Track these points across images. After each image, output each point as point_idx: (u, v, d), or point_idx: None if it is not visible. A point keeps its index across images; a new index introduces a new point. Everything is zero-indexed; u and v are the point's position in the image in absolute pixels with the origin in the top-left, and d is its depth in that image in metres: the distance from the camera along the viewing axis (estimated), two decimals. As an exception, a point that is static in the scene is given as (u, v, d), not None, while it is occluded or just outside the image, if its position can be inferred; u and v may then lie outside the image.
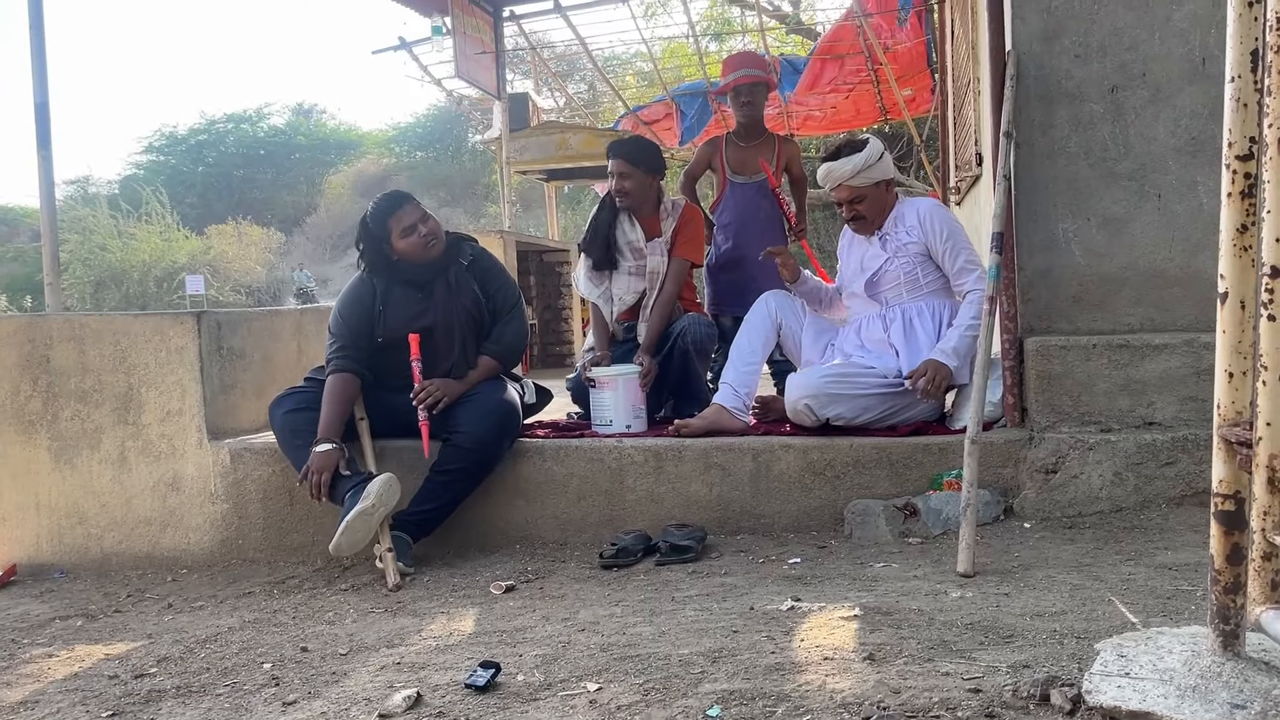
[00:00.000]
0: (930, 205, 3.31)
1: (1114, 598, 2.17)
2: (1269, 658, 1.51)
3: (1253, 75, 1.42)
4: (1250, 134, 1.43)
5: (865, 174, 3.25)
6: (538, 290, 8.49)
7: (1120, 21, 3.06)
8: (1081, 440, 2.94)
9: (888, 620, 2.11)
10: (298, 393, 3.25)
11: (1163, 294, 3.09)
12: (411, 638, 2.33)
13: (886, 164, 3.29)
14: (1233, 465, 1.48)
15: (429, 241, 3.26)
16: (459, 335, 3.26)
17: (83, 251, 27.07)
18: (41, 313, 4.25)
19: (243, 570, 3.29)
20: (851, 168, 3.24)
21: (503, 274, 3.45)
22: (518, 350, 3.40)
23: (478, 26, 8.08)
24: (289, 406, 3.19)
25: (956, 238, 3.24)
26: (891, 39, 9.16)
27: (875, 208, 3.31)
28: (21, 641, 2.68)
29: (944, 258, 3.23)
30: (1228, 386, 1.49)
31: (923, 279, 3.27)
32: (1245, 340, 1.46)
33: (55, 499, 3.49)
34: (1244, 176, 1.44)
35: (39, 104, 4.08)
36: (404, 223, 3.23)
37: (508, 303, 3.39)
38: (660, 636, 2.13)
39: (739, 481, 3.11)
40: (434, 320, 3.26)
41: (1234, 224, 1.45)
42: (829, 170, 3.29)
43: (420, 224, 3.25)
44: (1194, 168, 3.05)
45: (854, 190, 3.28)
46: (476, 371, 3.28)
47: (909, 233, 3.25)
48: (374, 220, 3.27)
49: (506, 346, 3.35)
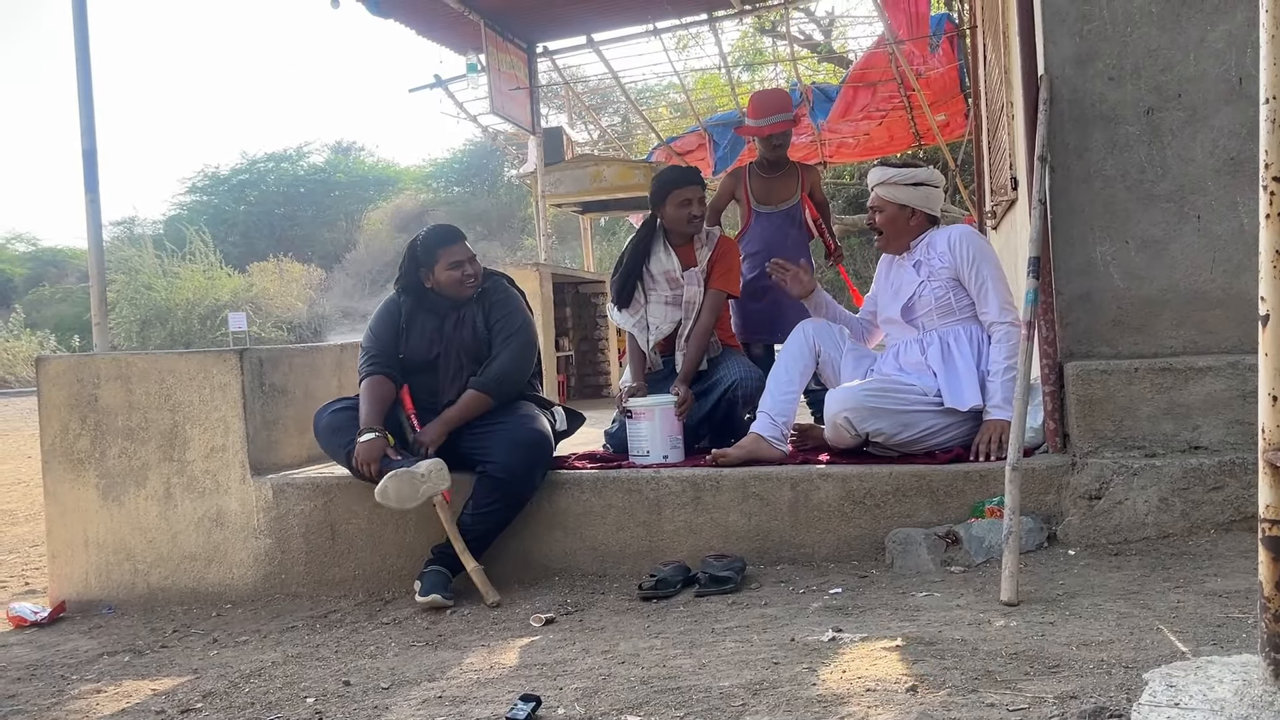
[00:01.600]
0: (962, 232, 3.29)
1: (1162, 626, 2.13)
2: (1323, 687, 1.48)
3: None
4: None
5: (891, 189, 3.28)
6: (574, 321, 8.55)
7: (1154, 43, 3.05)
8: (1125, 465, 2.90)
9: (931, 650, 2.09)
10: (343, 399, 3.43)
11: (1205, 316, 3.05)
12: (452, 671, 2.34)
13: (923, 195, 3.28)
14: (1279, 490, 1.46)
15: (469, 281, 3.37)
16: (454, 367, 3.35)
17: (129, 291, 27.68)
18: (89, 352, 4.35)
19: (286, 605, 3.33)
20: (883, 176, 3.31)
21: (508, 304, 3.44)
22: (508, 380, 3.34)
23: (512, 63, 8.20)
24: (335, 408, 3.35)
25: (983, 265, 3.21)
26: (924, 65, 9.17)
27: (892, 228, 3.32)
28: (70, 677, 2.73)
29: (970, 284, 3.22)
30: (1272, 410, 1.47)
31: (955, 304, 3.25)
32: None
33: (103, 536, 3.55)
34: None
35: (86, 150, 4.19)
36: (454, 257, 3.35)
37: (505, 331, 3.38)
38: (701, 669, 2.13)
39: (778, 511, 3.10)
40: (440, 350, 3.37)
41: (1274, 246, 1.44)
42: (872, 170, 3.39)
43: (468, 264, 3.37)
44: (1234, 188, 3.01)
45: (877, 198, 3.33)
46: (454, 408, 3.28)
47: (940, 259, 3.24)
48: (424, 246, 3.38)
49: (490, 377, 3.31)
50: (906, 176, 3.27)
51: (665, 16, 8.23)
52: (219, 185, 38.35)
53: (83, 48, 4.22)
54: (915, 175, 3.28)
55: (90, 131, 4.18)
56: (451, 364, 3.35)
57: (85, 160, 4.15)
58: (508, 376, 3.34)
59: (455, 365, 3.35)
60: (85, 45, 4.23)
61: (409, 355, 3.40)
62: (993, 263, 3.24)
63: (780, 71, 14.03)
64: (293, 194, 37.73)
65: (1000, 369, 3.13)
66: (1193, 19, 3.03)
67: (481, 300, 3.42)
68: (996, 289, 3.20)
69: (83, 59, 4.21)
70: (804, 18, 15.87)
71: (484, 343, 3.38)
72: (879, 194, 3.31)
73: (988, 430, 3.10)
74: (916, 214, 3.30)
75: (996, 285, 3.21)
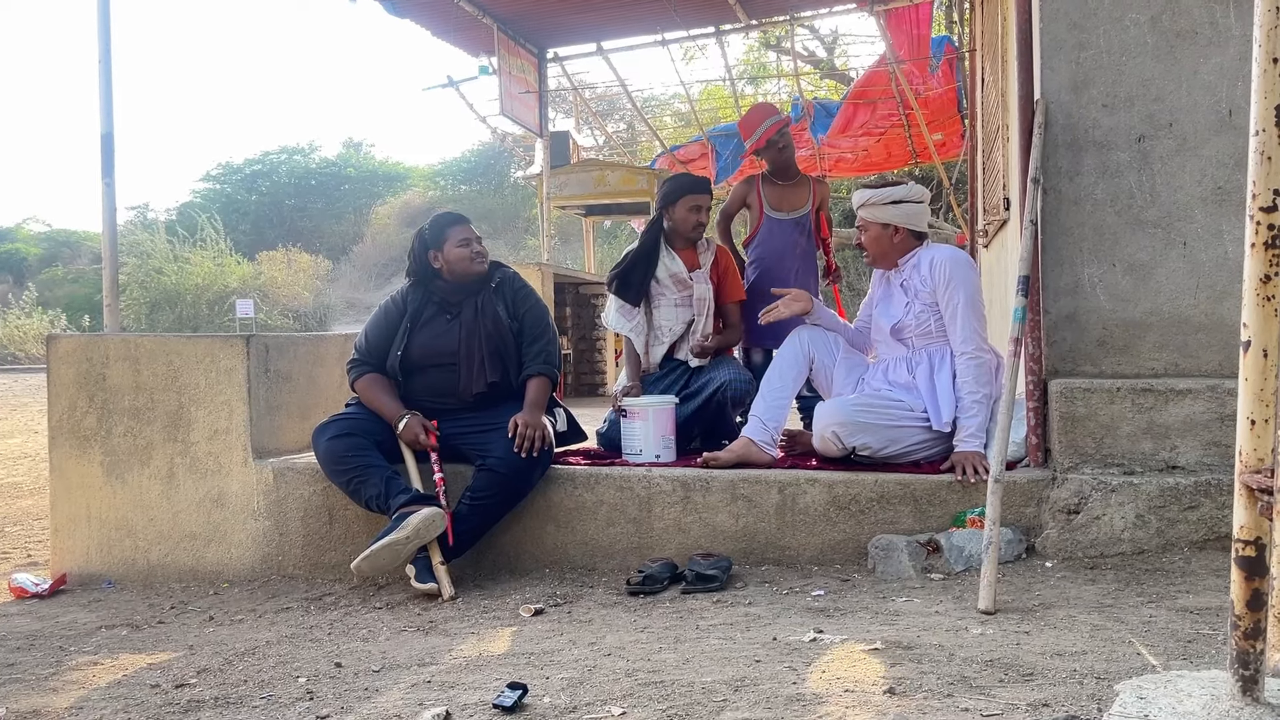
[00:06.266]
0: (944, 255, 3.27)
1: (1134, 639, 2.18)
2: (1287, 703, 1.51)
3: (1277, 130, 1.44)
4: (1274, 186, 1.44)
5: (872, 210, 3.32)
6: (573, 321, 8.61)
7: (1148, 73, 3.12)
8: (1104, 482, 2.97)
9: (908, 655, 2.14)
10: (340, 419, 3.35)
11: (1187, 340, 3.12)
12: (442, 657, 2.39)
13: (903, 212, 3.29)
14: (1254, 511, 1.48)
15: (477, 258, 3.42)
16: (478, 356, 3.36)
17: (140, 275, 27.69)
18: (99, 332, 4.40)
19: (282, 586, 3.38)
20: (863, 198, 3.35)
21: (531, 295, 3.53)
22: (554, 361, 3.46)
23: (522, 67, 8.28)
24: (331, 434, 3.27)
25: (956, 291, 3.18)
26: (923, 85, 9.28)
27: (877, 247, 3.36)
28: (69, 649, 2.77)
29: (943, 308, 3.22)
30: (1250, 434, 1.49)
31: (935, 328, 3.27)
32: (1268, 388, 1.47)
33: (106, 512, 3.61)
34: (1268, 228, 1.45)
35: (105, 135, 4.26)
36: (461, 235, 3.41)
37: (541, 321, 3.47)
38: (684, 664, 2.17)
39: (765, 513, 3.17)
40: (457, 342, 3.38)
41: (1257, 274, 1.46)
42: (855, 192, 3.43)
43: (475, 241, 3.44)
44: (1220, 216, 3.08)
45: (860, 219, 3.37)
46: (534, 393, 3.35)
47: (922, 282, 3.26)
48: (433, 227, 3.45)
49: (549, 362, 3.42)
50: (885, 196, 3.31)
51: (674, 28, 8.32)
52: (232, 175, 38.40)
53: (104, 34, 4.29)
54: (893, 194, 3.31)
55: (109, 116, 4.24)
56: (476, 355, 3.36)
57: (103, 144, 4.22)
58: (553, 358, 3.44)
59: (479, 356, 3.36)
60: (107, 32, 4.30)
61: (419, 353, 3.39)
62: (968, 289, 3.20)
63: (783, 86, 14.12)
64: (304, 186, 37.74)
65: (969, 400, 3.16)
66: (1186, 51, 3.10)
67: (500, 291, 3.47)
68: (966, 318, 3.19)
69: (104, 45, 4.28)
70: (808, 35, 16.01)
71: (509, 330, 3.41)
72: (861, 215, 3.36)
73: (959, 459, 3.13)
74: (900, 231, 3.32)
75: (966, 314, 3.19)
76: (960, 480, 3.07)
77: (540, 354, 3.42)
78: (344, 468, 3.20)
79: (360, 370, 3.43)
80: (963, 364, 3.19)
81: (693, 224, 3.88)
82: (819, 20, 13.68)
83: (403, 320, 3.44)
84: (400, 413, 3.31)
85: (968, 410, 3.16)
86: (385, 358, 3.42)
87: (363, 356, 3.44)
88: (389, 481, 3.15)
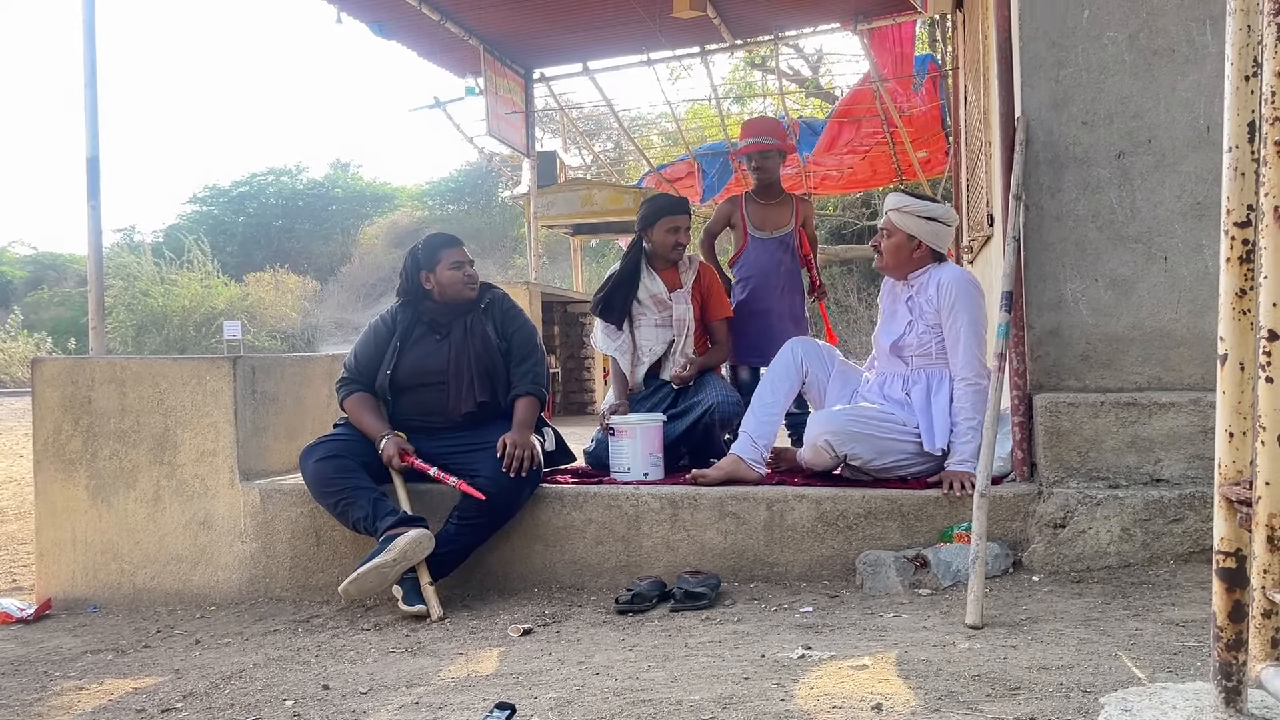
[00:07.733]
0: (953, 275, 3.25)
1: (1120, 652, 2.19)
2: (1270, 714, 1.52)
3: (1250, 145, 1.45)
4: (1248, 202, 1.45)
5: (904, 216, 3.28)
6: (561, 340, 8.63)
7: (1127, 90, 3.16)
8: (1089, 496, 2.98)
9: (896, 670, 2.14)
10: (327, 441, 3.35)
11: (1170, 353, 3.14)
12: (430, 678, 2.38)
13: (932, 230, 3.27)
14: (1234, 523, 1.49)
15: (469, 282, 3.44)
16: (467, 376, 3.37)
17: (126, 297, 27.58)
18: (85, 355, 4.39)
19: (269, 608, 3.36)
20: (899, 202, 3.31)
21: (520, 316, 3.55)
22: (543, 381, 3.48)
23: (509, 87, 8.33)
24: (319, 455, 3.26)
25: (960, 314, 3.17)
26: (907, 103, 9.40)
27: (894, 255, 3.31)
28: (54, 674, 2.75)
29: (946, 330, 3.22)
30: (1228, 446, 1.50)
31: (936, 350, 3.26)
32: (1245, 401, 1.48)
33: (91, 535, 3.59)
34: (1242, 243, 1.46)
35: (90, 158, 4.26)
36: (454, 258, 3.43)
37: (530, 341, 3.50)
38: (673, 682, 2.17)
39: (753, 530, 3.17)
40: (446, 361, 3.39)
41: (1233, 288, 1.47)
42: (891, 194, 3.42)
43: (467, 265, 3.45)
44: (1199, 231, 3.11)
45: (888, 221, 3.32)
46: (522, 413, 3.37)
47: (929, 301, 3.25)
48: (425, 248, 3.46)
49: (536, 381, 3.44)
50: (921, 208, 3.27)
51: (659, 49, 8.40)
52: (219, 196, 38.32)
53: (90, 57, 4.30)
54: (931, 210, 3.28)
55: (94, 139, 4.25)
56: (465, 374, 3.37)
57: (89, 167, 4.22)
58: (541, 378, 3.46)
59: (468, 376, 3.37)
60: (93, 55, 4.32)
61: (408, 372, 3.41)
62: (971, 313, 3.19)
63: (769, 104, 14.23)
64: (291, 207, 37.69)
65: (963, 425, 3.16)
66: (1164, 69, 3.14)
67: (489, 311, 3.48)
68: (968, 343, 3.18)
69: (90, 69, 4.30)
70: (793, 54, 16.14)
71: (498, 351, 3.43)
72: (891, 218, 3.31)
73: (948, 476, 3.13)
74: (922, 247, 3.28)
75: (969, 338, 3.18)
76: (946, 494, 3.08)
77: (528, 374, 3.44)
78: (331, 489, 3.20)
79: (349, 389, 3.44)
80: (961, 389, 3.19)
81: (671, 244, 3.91)
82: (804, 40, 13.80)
83: (392, 339, 3.46)
84: (381, 432, 3.32)
85: (962, 435, 3.16)
86: (374, 377, 3.43)
87: (352, 375, 3.45)
88: (376, 503, 3.14)
